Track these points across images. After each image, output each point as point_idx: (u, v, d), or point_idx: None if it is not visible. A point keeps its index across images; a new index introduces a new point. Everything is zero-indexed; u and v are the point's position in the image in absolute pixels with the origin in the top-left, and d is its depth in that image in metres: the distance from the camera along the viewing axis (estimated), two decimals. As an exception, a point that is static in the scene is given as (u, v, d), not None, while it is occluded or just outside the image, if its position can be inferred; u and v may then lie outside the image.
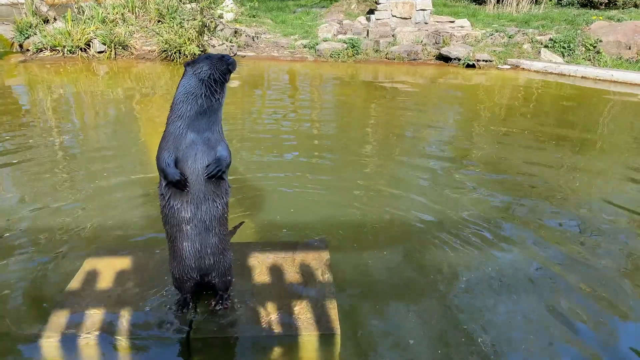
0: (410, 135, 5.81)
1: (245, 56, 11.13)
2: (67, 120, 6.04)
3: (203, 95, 2.07)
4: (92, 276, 2.63)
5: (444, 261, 2.98)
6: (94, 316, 2.33)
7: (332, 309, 2.43)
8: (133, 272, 2.68)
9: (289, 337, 2.26)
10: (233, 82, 9.01)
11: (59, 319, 2.30)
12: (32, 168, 4.29)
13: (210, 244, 2.21)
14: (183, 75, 2.14)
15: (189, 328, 2.27)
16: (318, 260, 2.78)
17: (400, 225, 3.44)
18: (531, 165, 4.73)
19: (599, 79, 9.42)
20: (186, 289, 2.33)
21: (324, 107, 7.19)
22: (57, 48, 10.28)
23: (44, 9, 10.99)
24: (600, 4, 14.97)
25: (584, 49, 10.64)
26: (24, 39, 10.57)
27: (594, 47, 10.55)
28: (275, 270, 2.70)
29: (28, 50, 10.43)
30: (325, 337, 2.27)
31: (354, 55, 11.15)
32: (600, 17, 11.90)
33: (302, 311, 2.41)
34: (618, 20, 11.60)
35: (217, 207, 2.18)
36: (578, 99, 8.18)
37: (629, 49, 10.48)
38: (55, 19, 11.00)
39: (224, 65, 2.11)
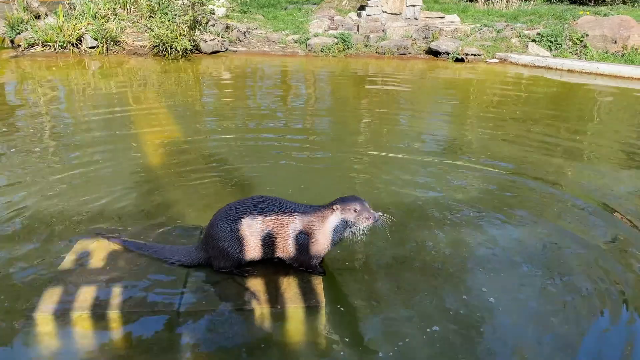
0: (401, 127, 5.91)
1: (236, 51, 11.19)
2: (59, 114, 6.07)
3: None
4: (83, 256, 2.71)
5: (436, 241, 3.08)
6: (86, 292, 2.41)
7: (318, 284, 2.53)
8: (123, 251, 2.77)
9: (277, 310, 2.36)
10: (225, 77, 9.07)
11: (53, 295, 2.38)
12: (24, 157, 4.34)
13: None
14: None
15: (179, 302, 2.36)
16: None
17: (391, 205, 3.53)
18: (521, 152, 4.85)
19: (585, 72, 9.58)
20: None
21: (314, 100, 7.27)
22: (49, 43, 10.27)
23: (35, 4, 10.97)
24: (589, 0, 15.16)
25: (570, 43, 10.81)
26: (16, 35, 10.56)
27: (581, 41, 10.71)
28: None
29: (19, 45, 10.41)
30: (311, 309, 2.37)
31: (344, 50, 11.24)
32: (588, 12, 12.07)
33: (289, 285, 2.51)
34: (604, 15, 11.78)
35: None
36: (565, 90, 8.32)
37: (615, 42, 10.65)
38: (46, 15, 10.98)
39: None
